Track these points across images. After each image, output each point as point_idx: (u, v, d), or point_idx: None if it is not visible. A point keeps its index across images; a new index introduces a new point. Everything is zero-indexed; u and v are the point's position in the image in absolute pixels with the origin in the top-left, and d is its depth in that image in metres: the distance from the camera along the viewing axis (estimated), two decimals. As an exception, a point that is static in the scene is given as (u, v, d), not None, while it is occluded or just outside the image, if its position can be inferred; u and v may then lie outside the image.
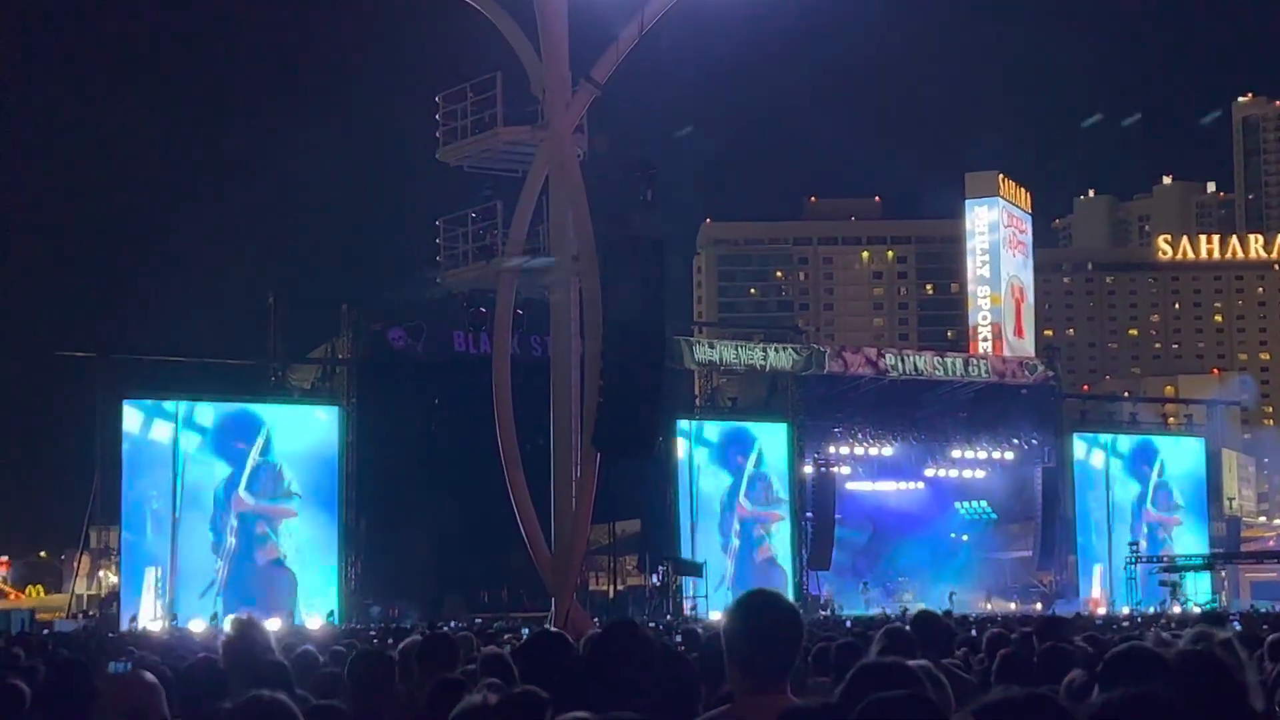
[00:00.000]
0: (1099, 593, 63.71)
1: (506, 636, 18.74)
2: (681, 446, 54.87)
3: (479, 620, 42.32)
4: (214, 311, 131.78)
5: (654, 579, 53.90)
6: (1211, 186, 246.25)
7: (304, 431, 49.23)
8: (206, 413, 47.62)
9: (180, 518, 46.46)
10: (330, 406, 49.90)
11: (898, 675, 4.60)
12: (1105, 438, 68.18)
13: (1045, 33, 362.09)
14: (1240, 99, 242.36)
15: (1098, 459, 66.39)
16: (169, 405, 46.98)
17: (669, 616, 48.14)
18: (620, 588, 55.96)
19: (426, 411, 50.52)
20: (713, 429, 56.92)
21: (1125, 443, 68.26)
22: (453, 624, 36.10)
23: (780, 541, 57.14)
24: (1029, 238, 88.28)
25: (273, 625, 35.91)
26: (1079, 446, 66.04)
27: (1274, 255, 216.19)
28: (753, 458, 56.89)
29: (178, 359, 50.14)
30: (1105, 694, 3.85)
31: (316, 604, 47.83)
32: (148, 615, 44.60)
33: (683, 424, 55.09)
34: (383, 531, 48.82)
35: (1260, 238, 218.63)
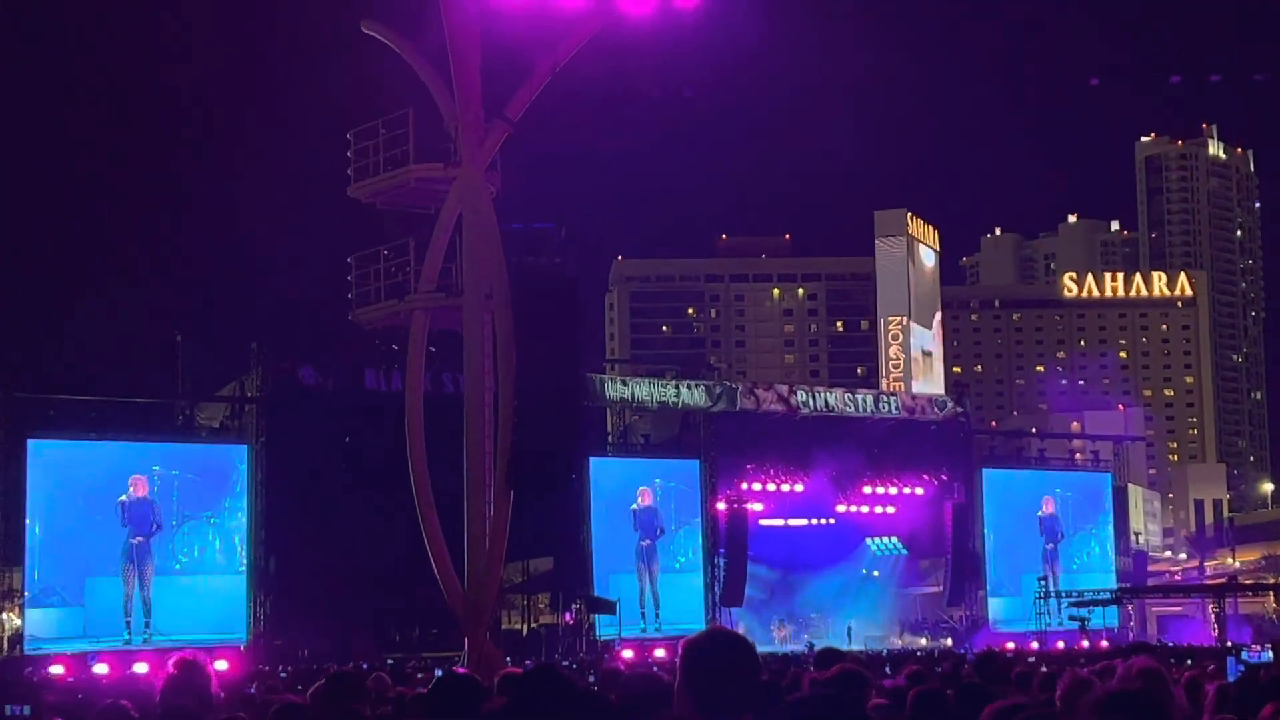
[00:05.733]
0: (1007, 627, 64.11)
1: (421, 675, 18.55)
2: (595, 483, 54.72)
3: (391, 660, 41.98)
4: (121, 350, 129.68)
5: (567, 617, 53.67)
6: (1115, 225, 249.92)
7: (211, 469, 48.65)
8: (114, 451, 46.91)
9: (92, 557, 45.72)
10: (239, 445, 49.30)
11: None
12: (1014, 473, 68.83)
13: (952, 70, 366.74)
14: (1143, 139, 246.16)
15: (1006, 494, 66.92)
16: (77, 444, 46.26)
17: (582, 655, 47.92)
18: (533, 626, 55.68)
19: (337, 449, 50.05)
20: (625, 466, 56.84)
21: (1033, 479, 68.90)
22: (364, 664, 35.77)
23: (693, 579, 57.10)
24: (937, 275, 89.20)
25: (220, 665, 35.44)
26: (988, 482, 66.56)
27: (1177, 292, 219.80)
28: (665, 494, 56.84)
29: (84, 397, 49.23)
30: None
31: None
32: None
33: (597, 460, 54.95)
34: (292, 571, 48.27)
35: (1164, 275, 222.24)
